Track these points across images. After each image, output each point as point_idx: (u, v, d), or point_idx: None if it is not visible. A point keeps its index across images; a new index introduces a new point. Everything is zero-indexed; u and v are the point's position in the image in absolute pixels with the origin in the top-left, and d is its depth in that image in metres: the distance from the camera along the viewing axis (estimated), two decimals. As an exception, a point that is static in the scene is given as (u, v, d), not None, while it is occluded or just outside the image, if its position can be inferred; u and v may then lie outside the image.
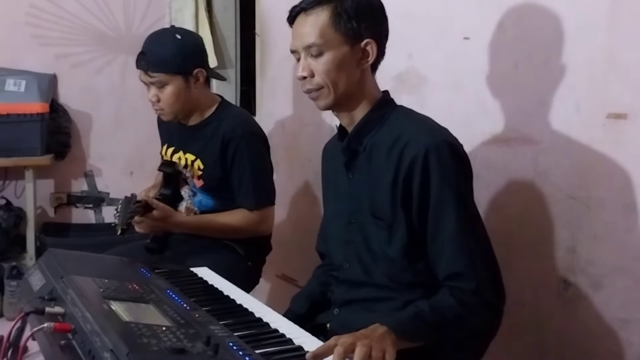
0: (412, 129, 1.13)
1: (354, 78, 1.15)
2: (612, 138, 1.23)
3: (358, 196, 1.19)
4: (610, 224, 1.24)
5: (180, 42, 1.65)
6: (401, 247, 1.11)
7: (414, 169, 1.08)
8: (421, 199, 1.09)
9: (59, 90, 2.92)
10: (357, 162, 1.19)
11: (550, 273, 1.36)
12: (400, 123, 1.16)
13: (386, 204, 1.12)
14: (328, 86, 1.14)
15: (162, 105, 1.67)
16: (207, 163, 1.71)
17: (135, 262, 1.43)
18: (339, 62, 1.13)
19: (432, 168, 1.08)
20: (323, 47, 1.13)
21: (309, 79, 1.15)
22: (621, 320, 1.24)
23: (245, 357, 0.90)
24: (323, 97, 1.16)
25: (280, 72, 2.32)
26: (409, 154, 1.09)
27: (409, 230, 1.11)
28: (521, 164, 1.40)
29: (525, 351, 1.41)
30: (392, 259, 1.13)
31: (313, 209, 2.19)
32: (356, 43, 1.14)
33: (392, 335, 0.97)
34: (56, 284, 1.16)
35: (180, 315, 1.05)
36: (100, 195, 3.05)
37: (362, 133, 1.18)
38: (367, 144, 1.17)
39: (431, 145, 1.08)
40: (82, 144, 3.00)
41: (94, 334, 0.91)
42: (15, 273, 2.64)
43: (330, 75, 1.13)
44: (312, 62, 1.14)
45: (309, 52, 1.14)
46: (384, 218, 1.13)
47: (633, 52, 1.19)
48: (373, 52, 1.15)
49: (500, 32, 1.44)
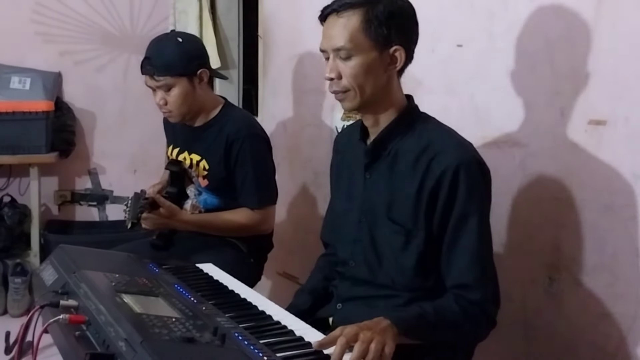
0: (442, 141, 1.16)
1: (381, 83, 1.17)
2: (592, 143, 1.30)
3: (373, 197, 1.21)
4: (591, 223, 1.31)
5: (182, 45, 1.71)
6: (417, 254, 1.14)
7: (443, 181, 1.11)
8: (445, 210, 1.12)
9: (64, 88, 2.95)
10: (377, 164, 1.21)
11: (536, 270, 1.43)
12: (429, 133, 1.18)
13: (407, 210, 1.15)
14: (355, 89, 1.16)
15: (170, 108, 1.72)
16: (211, 163, 1.77)
17: (143, 259, 1.48)
18: (367, 67, 1.14)
19: (460, 183, 1.11)
20: (352, 51, 1.13)
21: (336, 81, 1.16)
22: (601, 314, 1.30)
23: (250, 347, 0.95)
24: (349, 100, 1.18)
25: (282, 74, 2.38)
26: (438, 165, 1.12)
27: (427, 239, 1.14)
28: (510, 166, 1.46)
29: (514, 343, 1.48)
30: (405, 266, 1.16)
31: (314, 208, 2.26)
32: (385, 49, 1.15)
33: (395, 329, 1.02)
34: (69, 279, 1.21)
35: (188, 308, 1.10)
36: (104, 193, 3.09)
37: (388, 138, 1.20)
38: (392, 149, 1.19)
39: (462, 161, 1.11)
40: (86, 142, 3.04)
41: (108, 325, 0.97)
42: (19, 270, 2.67)
43: (357, 79, 1.15)
44: (341, 65, 1.15)
45: (338, 54, 1.15)
46: (402, 224, 1.16)
47: (611, 63, 1.26)
48: (401, 58, 1.16)
49: (492, 41, 1.51)
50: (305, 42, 2.18)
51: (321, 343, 0.98)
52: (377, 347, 0.96)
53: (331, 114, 2.11)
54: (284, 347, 0.99)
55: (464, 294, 1.11)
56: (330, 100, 2.12)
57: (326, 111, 2.15)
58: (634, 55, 1.22)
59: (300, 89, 2.29)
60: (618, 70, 1.25)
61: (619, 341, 1.28)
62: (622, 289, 1.26)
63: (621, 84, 1.24)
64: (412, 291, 1.17)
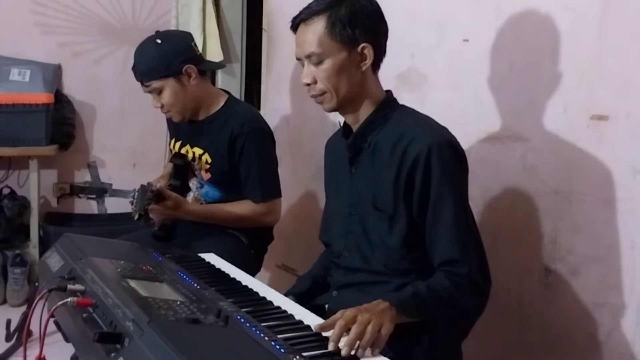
0: (415, 127, 1.21)
1: (355, 81, 1.22)
2: (594, 138, 1.32)
3: (359, 190, 1.27)
4: (589, 216, 1.34)
5: (161, 47, 1.71)
6: (401, 237, 1.19)
7: (417, 165, 1.16)
8: (422, 192, 1.17)
9: (64, 81, 2.94)
10: (360, 157, 1.27)
11: (533, 261, 1.46)
12: (403, 122, 1.23)
13: (388, 196, 1.20)
14: (330, 91, 1.21)
15: (167, 109, 1.75)
16: (214, 157, 1.78)
17: (147, 247, 1.51)
18: (339, 68, 1.20)
19: (433, 165, 1.16)
20: (322, 55, 1.19)
21: (313, 86, 1.23)
22: (595, 304, 1.34)
23: (251, 328, 0.98)
24: (327, 102, 1.23)
25: (285, 68, 2.39)
26: (412, 151, 1.17)
27: (409, 221, 1.19)
28: (511, 160, 1.49)
29: (510, 331, 1.52)
30: (391, 248, 1.21)
31: (315, 202, 2.28)
32: (353, 48, 1.20)
33: (393, 310, 1.06)
34: (75, 265, 1.23)
35: (192, 293, 1.13)
36: (103, 186, 3.09)
37: (367, 131, 1.25)
38: (372, 141, 1.24)
39: (433, 144, 1.16)
40: (85, 135, 3.04)
41: (115, 307, 0.99)
42: (18, 261, 2.68)
43: (331, 81, 1.20)
44: (314, 70, 1.21)
45: (311, 60, 1.21)
46: (385, 210, 1.21)
47: (616, 60, 1.29)
48: (370, 55, 1.21)
49: (498, 36, 1.53)
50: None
51: (322, 326, 1.02)
52: (374, 329, 1.00)
53: (335, 110, 2.13)
54: (284, 330, 1.01)
55: (452, 269, 1.16)
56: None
57: (328, 106, 2.17)
58: (637, 52, 1.25)
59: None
60: (621, 67, 1.28)
61: (611, 329, 1.31)
62: (616, 279, 1.29)
63: (624, 80, 1.27)
64: (403, 276, 1.21)
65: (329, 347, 0.96)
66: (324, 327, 1.01)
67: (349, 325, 1.00)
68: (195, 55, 1.80)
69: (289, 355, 0.89)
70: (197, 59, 1.79)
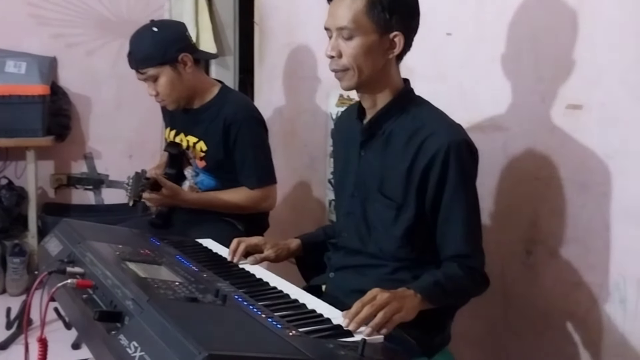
0: (434, 123, 1.22)
1: (378, 66, 1.22)
2: (570, 126, 1.38)
3: (366, 173, 1.29)
4: (567, 200, 1.40)
5: (158, 34, 1.74)
6: (406, 227, 1.22)
7: (435, 161, 1.18)
8: (437, 189, 1.20)
9: (59, 73, 2.97)
10: (372, 143, 1.28)
11: (515, 244, 1.52)
12: (421, 115, 1.24)
13: (399, 186, 1.22)
14: (354, 69, 1.21)
15: (162, 97, 1.78)
16: (209, 145, 1.82)
17: (144, 233, 1.55)
18: (367, 48, 1.19)
19: (451, 164, 1.18)
20: (354, 31, 1.19)
21: (336, 59, 1.22)
22: (573, 283, 1.40)
23: (249, 306, 1.03)
24: (347, 79, 1.23)
25: (278, 61, 2.43)
26: (430, 146, 1.19)
27: (417, 213, 1.22)
28: (493, 148, 1.55)
29: (493, 311, 1.58)
30: (392, 236, 1.24)
31: (309, 192, 2.33)
32: (386, 33, 1.20)
33: (418, 297, 1.10)
34: (74, 249, 1.26)
35: (190, 275, 1.17)
36: (100, 177, 3.12)
37: (383, 119, 1.26)
38: (386, 129, 1.25)
39: (453, 143, 1.18)
40: (81, 127, 3.07)
41: (114, 287, 1.02)
42: (17, 250, 2.72)
43: (357, 59, 1.20)
44: (342, 44, 1.20)
45: (341, 33, 1.20)
46: (394, 198, 1.23)
47: (590, 52, 1.34)
48: (400, 44, 1.21)
49: (479, 30, 1.58)
50: (302, 29, 2.23)
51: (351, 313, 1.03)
52: (386, 314, 1.02)
53: (326, 101, 2.18)
54: (280, 308, 1.06)
55: (465, 262, 1.21)
56: (325, 86, 2.19)
57: (321, 97, 2.22)
58: (610, 45, 1.30)
59: (296, 75, 2.35)
60: (596, 59, 1.33)
61: (589, 307, 1.37)
62: (593, 259, 1.36)
63: (597, 71, 1.33)
64: (398, 261, 1.25)
65: (343, 323, 1.00)
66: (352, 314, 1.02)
67: (366, 305, 1.03)
68: (190, 43, 1.83)
69: (285, 330, 0.93)
70: (192, 48, 1.83)
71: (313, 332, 0.97)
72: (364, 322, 1.01)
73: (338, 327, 1.01)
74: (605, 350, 1.35)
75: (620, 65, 1.28)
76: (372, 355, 0.91)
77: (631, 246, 1.29)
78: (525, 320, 1.52)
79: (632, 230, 1.28)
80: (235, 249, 1.39)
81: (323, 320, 1.03)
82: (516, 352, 1.55)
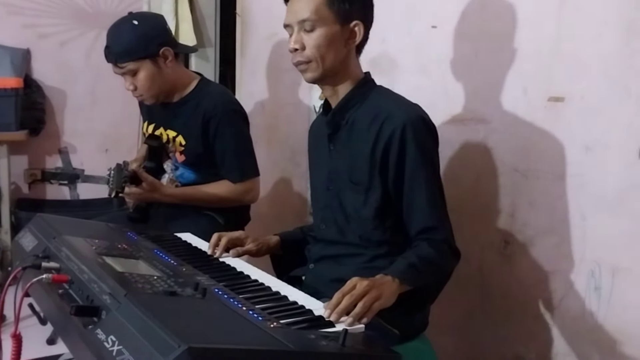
0: (391, 105, 1.26)
1: (341, 56, 1.26)
2: (551, 118, 1.40)
3: (337, 165, 1.32)
4: (543, 192, 1.42)
5: (139, 28, 1.70)
6: (375, 208, 1.25)
7: (393, 140, 1.22)
8: (398, 166, 1.23)
9: (33, 65, 2.91)
10: (338, 134, 1.32)
11: (493, 235, 1.54)
12: (380, 100, 1.28)
13: (364, 170, 1.25)
14: (317, 60, 1.24)
15: (140, 92, 1.74)
16: (189, 139, 1.80)
17: (122, 228, 1.52)
18: (330, 38, 1.23)
19: (408, 140, 1.21)
20: (316, 22, 1.22)
21: (300, 52, 1.25)
22: (550, 272, 1.43)
23: (229, 299, 1.02)
24: (311, 70, 1.26)
25: (260, 53, 2.41)
26: (388, 127, 1.22)
27: (383, 193, 1.25)
28: (474, 140, 1.56)
29: (471, 300, 1.60)
30: (365, 219, 1.27)
31: (290, 185, 2.32)
32: (346, 23, 1.24)
33: (396, 282, 1.11)
34: (49, 244, 1.23)
35: (168, 269, 1.16)
36: (75, 172, 3.05)
37: (345, 108, 1.30)
38: (349, 118, 1.29)
39: (408, 120, 1.22)
40: (56, 121, 3.01)
41: (91, 282, 1.00)
42: (-10, 247, 2.67)
43: (320, 49, 1.23)
44: (304, 37, 1.24)
45: (303, 26, 1.24)
46: (361, 183, 1.27)
47: (572, 45, 1.36)
48: (360, 33, 1.26)
49: (463, 22, 1.59)
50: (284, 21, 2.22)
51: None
52: (366, 303, 1.03)
53: (309, 93, 2.17)
54: (261, 300, 1.05)
55: (431, 235, 1.22)
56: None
57: (304, 90, 2.20)
58: (592, 38, 1.32)
59: (278, 67, 2.33)
60: (577, 52, 1.35)
61: (564, 295, 1.40)
62: (568, 249, 1.38)
63: (579, 64, 1.34)
64: (376, 247, 1.27)
65: (324, 315, 1.00)
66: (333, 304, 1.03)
67: (346, 295, 1.03)
68: (171, 37, 1.81)
69: (266, 322, 0.92)
70: (173, 42, 1.81)
71: (294, 323, 0.97)
72: (344, 312, 1.02)
73: (319, 318, 1.01)
74: (580, 336, 1.38)
75: (602, 58, 1.30)
76: (354, 344, 0.92)
77: (606, 235, 1.31)
78: (502, 309, 1.54)
79: (607, 220, 1.31)
80: (216, 243, 1.37)
81: (304, 311, 1.03)
82: (493, 340, 1.57)
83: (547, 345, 1.43)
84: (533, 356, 1.47)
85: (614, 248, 1.29)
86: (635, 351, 1.27)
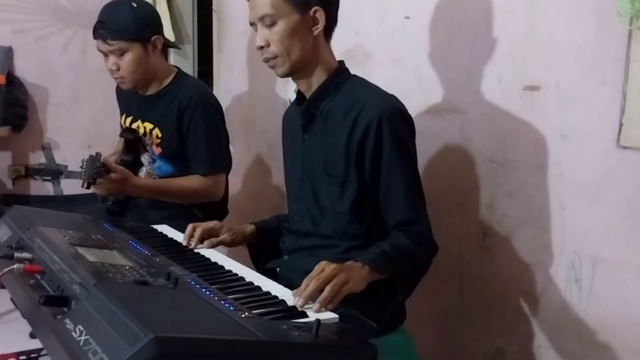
0: (366, 96, 1.25)
1: (307, 45, 1.25)
2: (527, 107, 1.40)
3: (311, 156, 1.30)
4: (522, 182, 1.42)
5: (137, 10, 1.71)
6: (351, 201, 1.24)
7: (369, 132, 1.20)
8: (374, 158, 1.22)
9: (15, 63, 2.89)
10: (313, 125, 1.30)
11: (471, 226, 1.54)
12: (355, 90, 1.27)
13: (340, 162, 1.24)
14: (283, 54, 1.24)
15: (122, 73, 1.72)
16: (164, 131, 1.79)
17: (98, 219, 1.51)
18: (291, 30, 1.22)
19: (384, 132, 1.20)
20: (275, 16, 1.22)
21: (266, 49, 1.25)
22: (529, 263, 1.42)
23: (201, 289, 1.01)
24: (279, 65, 1.26)
25: (236, 48, 2.41)
26: (364, 119, 1.21)
27: (359, 186, 1.24)
28: (450, 131, 1.56)
29: (450, 293, 1.60)
30: (340, 212, 1.26)
31: (268, 178, 2.31)
32: (305, 11, 1.23)
33: (366, 269, 1.10)
34: (23, 235, 1.23)
35: (142, 259, 1.14)
36: (59, 168, 3.06)
37: (319, 98, 1.29)
38: (324, 108, 1.28)
39: (384, 112, 1.21)
40: (39, 117, 2.99)
41: (62, 272, 0.99)
42: (-28, 243, 2.65)
43: (283, 43, 1.23)
44: (268, 32, 1.24)
45: (264, 22, 1.24)
46: (336, 175, 1.26)
47: (546, 33, 1.36)
48: (322, 19, 1.24)
49: (437, 12, 1.58)
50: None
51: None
52: (334, 287, 1.02)
53: (285, 87, 2.16)
54: (234, 290, 1.04)
55: (409, 228, 1.22)
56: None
57: (280, 84, 2.20)
58: (565, 25, 1.32)
59: (254, 62, 2.33)
60: (551, 39, 1.35)
61: (545, 287, 1.40)
62: (548, 240, 1.38)
63: (553, 51, 1.34)
64: (350, 240, 1.26)
65: (294, 302, 0.99)
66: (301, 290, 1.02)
67: (313, 279, 1.02)
68: (162, 29, 1.81)
69: (237, 312, 0.91)
70: (163, 34, 1.81)
71: (267, 313, 0.95)
72: (311, 295, 1.00)
73: (292, 308, 1.00)
74: (560, 328, 1.37)
75: (575, 45, 1.30)
76: (327, 335, 0.90)
77: (586, 225, 1.31)
78: (481, 301, 1.54)
79: (586, 209, 1.30)
80: (190, 234, 1.36)
81: (277, 302, 1.02)
82: (472, 332, 1.57)
83: (528, 337, 1.43)
84: (514, 349, 1.47)
85: (593, 238, 1.29)
86: (616, 342, 1.27)
